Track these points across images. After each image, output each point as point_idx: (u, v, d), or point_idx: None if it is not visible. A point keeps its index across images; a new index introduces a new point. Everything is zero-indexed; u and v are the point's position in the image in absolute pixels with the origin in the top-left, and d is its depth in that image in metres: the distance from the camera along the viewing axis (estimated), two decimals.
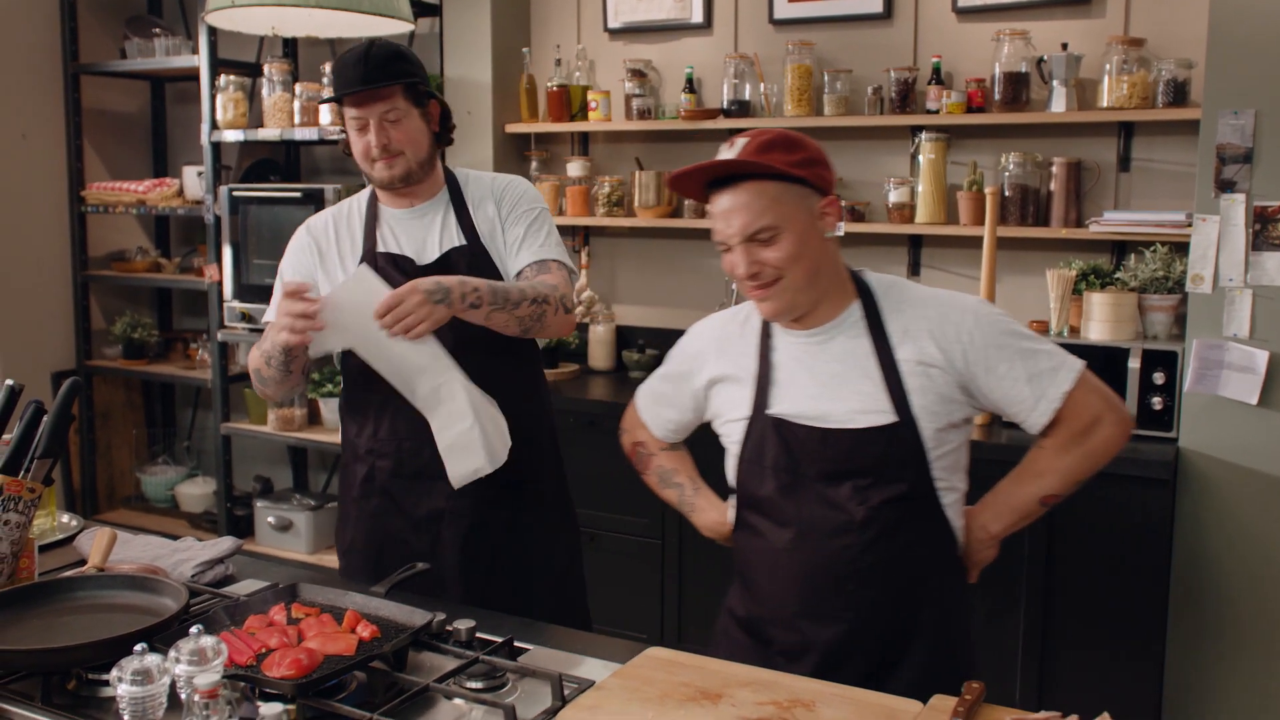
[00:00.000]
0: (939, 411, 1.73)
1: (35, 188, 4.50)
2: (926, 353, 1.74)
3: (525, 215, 2.26)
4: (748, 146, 1.71)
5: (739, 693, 1.52)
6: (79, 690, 1.55)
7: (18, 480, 1.82)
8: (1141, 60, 3.24)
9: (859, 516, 1.73)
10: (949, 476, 1.77)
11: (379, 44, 2.15)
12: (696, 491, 2.06)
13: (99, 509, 4.81)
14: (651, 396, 2.07)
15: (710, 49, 3.96)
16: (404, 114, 2.15)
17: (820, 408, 1.76)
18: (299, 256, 2.27)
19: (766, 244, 1.70)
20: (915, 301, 1.78)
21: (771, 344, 1.84)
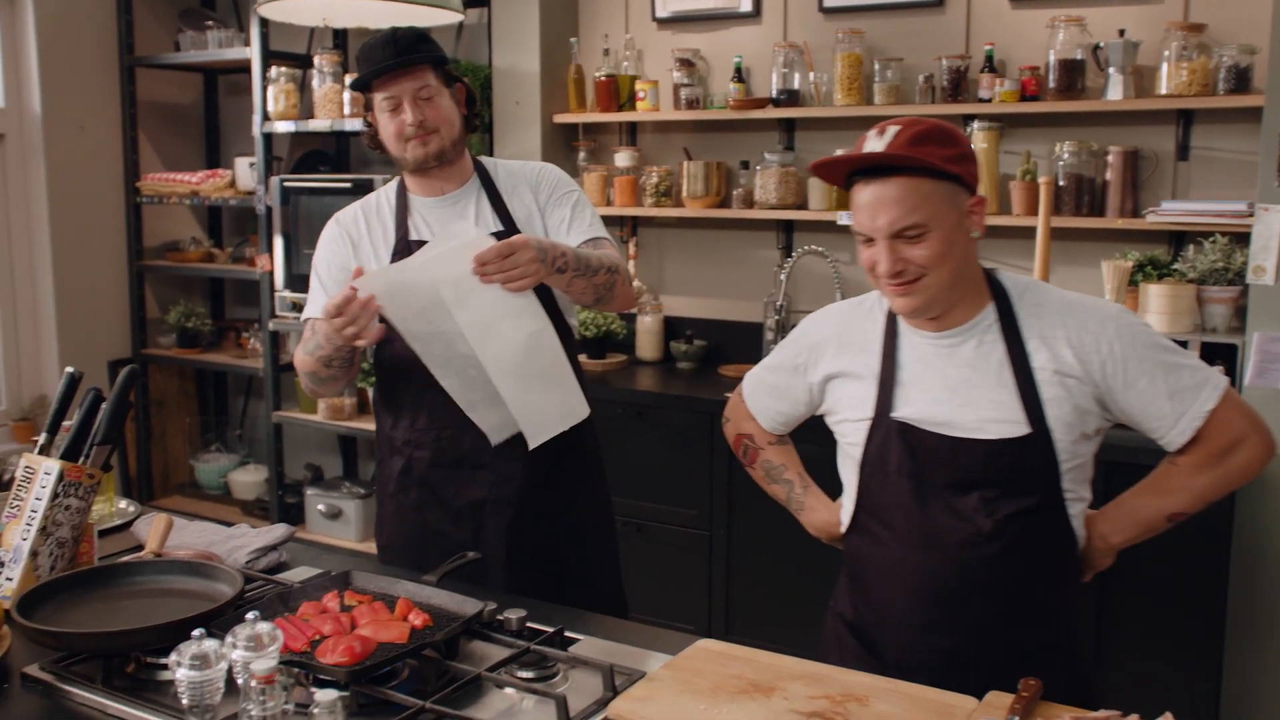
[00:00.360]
0: (1073, 424, 1.66)
1: (92, 179, 4.57)
2: (1064, 362, 1.66)
3: (566, 198, 2.26)
4: (900, 137, 1.63)
5: (791, 686, 1.51)
6: (137, 673, 1.58)
7: (78, 466, 1.85)
8: (1202, 46, 3.17)
9: (986, 528, 1.67)
10: (1077, 487, 1.71)
11: (404, 27, 2.15)
12: (806, 490, 2.00)
13: (154, 495, 4.88)
14: (761, 387, 1.99)
15: (759, 38, 3.93)
16: (436, 92, 2.14)
17: (950, 414, 1.69)
18: (333, 248, 2.25)
19: (913, 241, 1.63)
20: (1053, 306, 1.70)
21: (898, 342, 1.76)
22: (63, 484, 1.82)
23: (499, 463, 2.17)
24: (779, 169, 3.78)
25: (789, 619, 3.46)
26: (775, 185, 3.78)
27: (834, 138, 3.82)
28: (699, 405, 3.55)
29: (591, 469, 2.35)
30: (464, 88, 2.24)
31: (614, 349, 4.16)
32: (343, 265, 2.22)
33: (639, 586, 2.56)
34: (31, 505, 1.81)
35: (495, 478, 2.18)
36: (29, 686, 1.57)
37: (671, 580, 3.63)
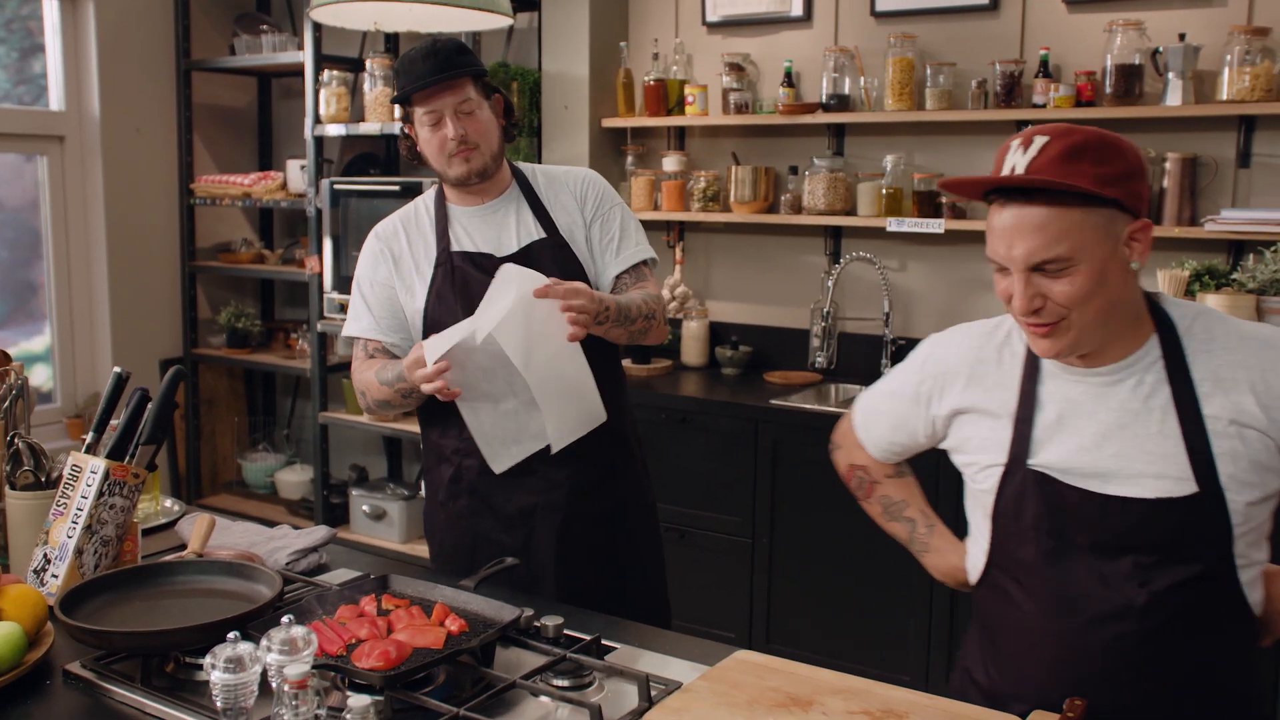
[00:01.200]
0: (1252, 483, 1.42)
1: (148, 181, 4.65)
2: (1244, 410, 1.42)
3: (613, 213, 2.26)
4: (1048, 151, 1.39)
5: (830, 700, 1.48)
6: (176, 673, 1.58)
7: (123, 465, 1.87)
8: (1266, 50, 3.09)
9: (1140, 601, 1.45)
10: (1250, 551, 1.47)
11: (443, 39, 2.14)
12: (931, 530, 1.80)
13: (202, 493, 4.95)
14: (876, 414, 1.79)
15: (809, 42, 3.90)
16: (476, 105, 2.13)
17: (1099, 465, 1.47)
18: (374, 265, 2.24)
19: (1055, 276, 1.40)
20: (1230, 341, 1.46)
21: (1039, 376, 1.54)
22: (108, 483, 1.84)
23: (548, 469, 2.17)
24: (828, 174, 3.75)
25: (830, 629, 3.42)
26: (824, 191, 3.75)
27: (884, 143, 3.78)
28: (744, 412, 3.52)
29: (638, 474, 2.34)
30: (502, 98, 2.23)
31: (659, 354, 4.15)
32: (385, 282, 2.23)
33: (681, 593, 2.54)
34: (77, 503, 1.83)
35: (545, 484, 2.18)
36: (70, 683, 1.58)
37: (713, 587, 3.60)
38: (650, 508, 2.38)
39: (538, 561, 2.19)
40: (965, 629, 1.77)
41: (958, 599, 3.21)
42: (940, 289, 3.78)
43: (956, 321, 4.00)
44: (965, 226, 3.54)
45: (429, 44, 2.12)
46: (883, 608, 3.34)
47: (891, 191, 3.67)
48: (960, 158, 3.67)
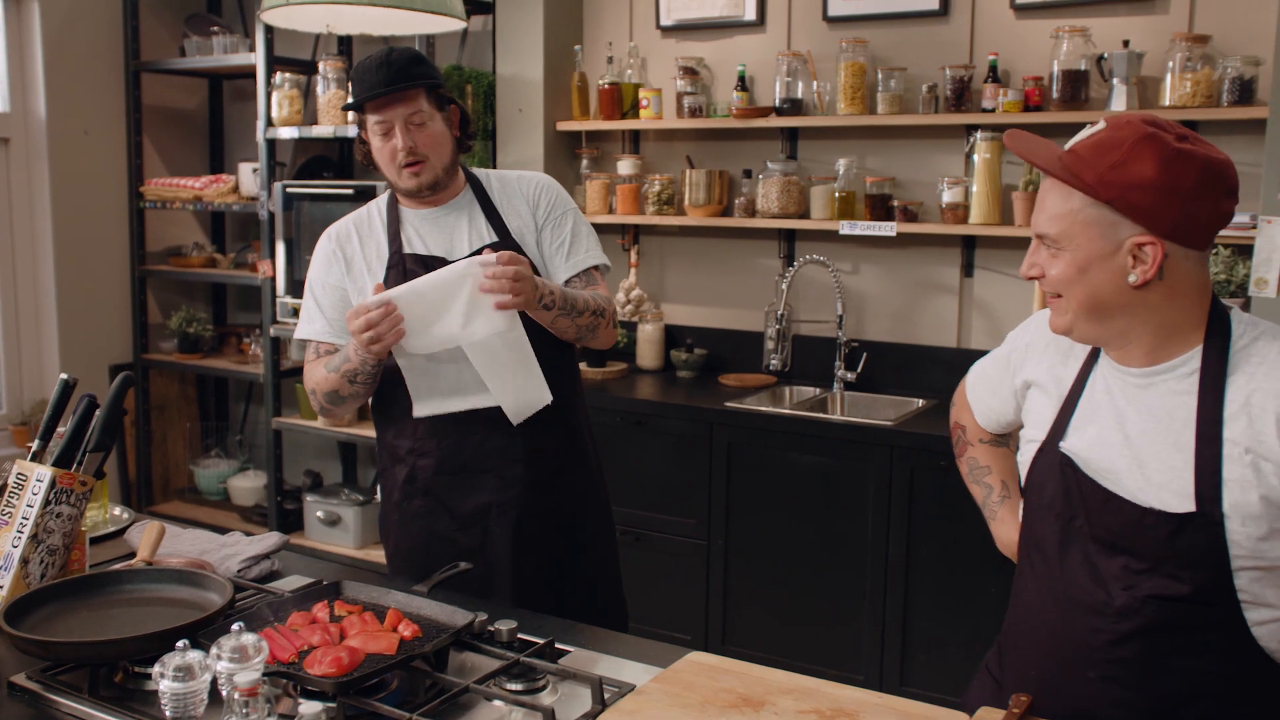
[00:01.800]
0: (1259, 516, 1.36)
1: (96, 183, 4.58)
2: (1264, 441, 1.36)
3: (564, 218, 2.27)
4: (1089, 139, 1.41)
5: (781, 700, 1.50)
6: (125, 683, 1.57)
7: (70, 473, 1.84)
8: (1206, 58, 3.16)
9: (1117, 602, 1.44)
10: (1266, 592, 1.39)
11: (399, 49, 2.14)
12: (1003, 500, 1.79)
13: (153, 500, 4.88)
14: (981, 377, 1.81)
15: (763, 47, 3.92)
16: (428, 117, 2.13)
17: (1114, 462, 1.46)
18: (327, 267, 2.25)
19: (1051, 254, 1.45)
20: (1275, 366, 1.39)
21: (1095, 364, 1.54)
22: (55, 491, 1.82)
23: (502, 466, 2.18)
24: (781, 178, 3.78)
25: (786, 630, 3.45)
26: (777, 194, 3.77)
27: (837, 147, 3.81)
28: (699, 414, 3.54)
29: (592, 472, 2.35)
30: (458, 109, 2.23)
31: (614, 357, 4.16)
32: (337, 284, 2.23)
33: (637, 595, 2.55)
34: (23, 512, 1.81)
35: (499, 482, 2.19)
36: (16, 695, 1.56)
37: (669, 589, 3.62)
38: (605, 506, 2.39)
39: (493, 560, 2.20)
40: None
41: (910, 600, 3.25)
42: (893, 291, 3.82)
43: (910, 324, 4.06)
44: (917, 230, 3.58)
45: (384, 53, 2.12)
46: (837, 609, 3.37)
47: (844, 195, 3.71)
48: (912, 161, 3.72)
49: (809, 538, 3.40)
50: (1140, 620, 1.42)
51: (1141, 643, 1.43)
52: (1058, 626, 1.51)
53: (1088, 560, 1.47)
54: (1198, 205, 1.37)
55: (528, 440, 2.18)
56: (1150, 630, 1.42)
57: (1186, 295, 1.42)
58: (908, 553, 3.23)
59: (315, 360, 2.21)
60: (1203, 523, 1.37)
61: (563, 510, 2.27)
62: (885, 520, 3.25)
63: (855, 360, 3.82)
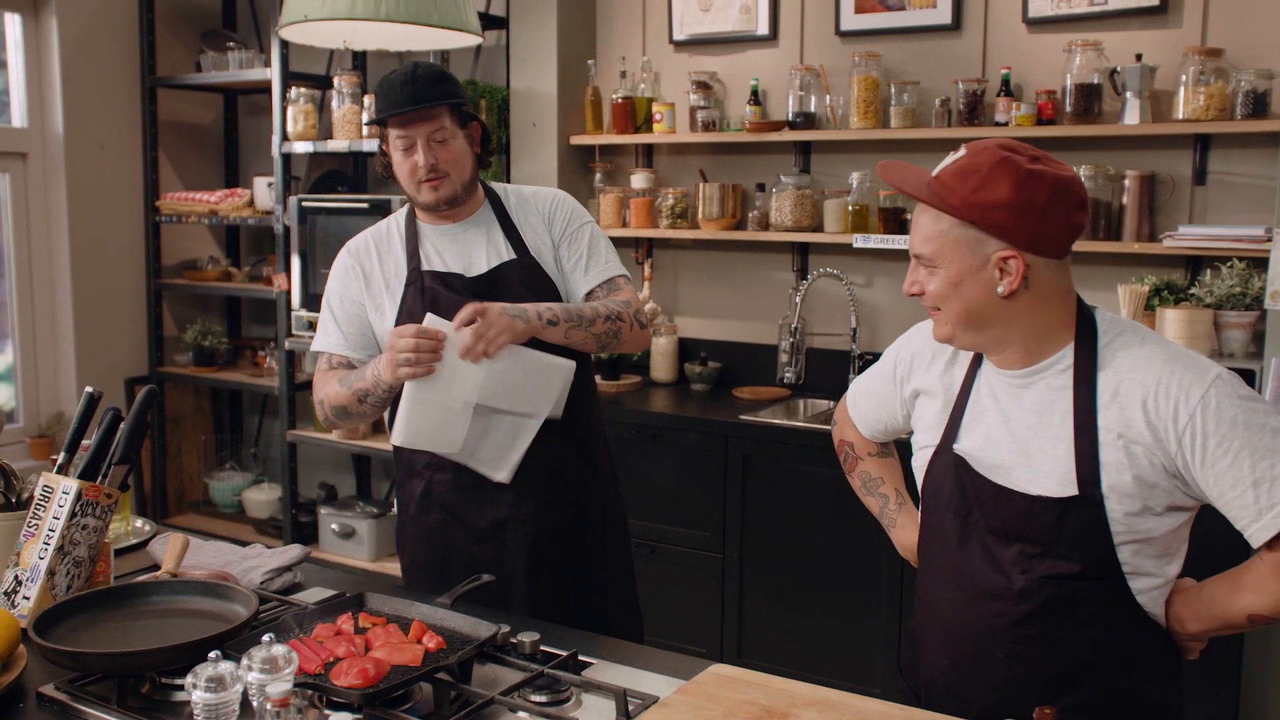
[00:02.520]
0: (1134, 495, 1.50)
1: (112, 198, 4.61)
2: (1132, 426, 1.50)
3: (580, 232, 2.28)
4: (952, 165, 1.56)
5: (805, 712, 1.50)
6: (152, 694, 1.58)
7: (95, 485, 1.86)
8: (1219, 71, 3.17)
9: (1017, 586, 1.57)
10: (1146, 563, 1.54)
11: (424, 65, 2.16)
12: (900, 507, 1.94)
13: (168, 513, 4.90)
14: (863, 393, 1.92)
15: (776, 61, 3.94)
16: (450, 135, 2.15)
17: (1002, 458, 1.59)
18: (345, 281, 2.26)
19: (929, 271, 1.58)
20: (1140, 360, 1.53)
21: (979, 371, 1.66)
22: (80, 503, 1.83)
23: (518, 482, 2.19)
24: (795, 192, 3.79)
25: (801, 642, 3.45)
26: (791, 208, 3.79)
27: (850, 161, 3.82)
28: (713, 427, 3.54)
29: (607, 487, 2.36)
30: (480, 126, 2.25)
31: (628, 370, 4.17)
32: (354, 299, 2.25)
33: (652, 608, 2.55)
34: (49, 524, 1.82)
35: (515, 497, 2.20)
36: (44, 706, 1.57)
37: (684, 602, 3.62)
38: (620, 521, 2.40)
39: (509, 575, 2.21)
40: None
41: None
42: (906, 304, 3.82)
43: None
44: None
45: (410, 69, 2.14)
46: (852, 621, 3.36)
47: (857, 208, 3.72)
48: None
49: (823, 550, 3.40)
50: (1038, 600, 1.56)
51: (1041, 620, 1.56)
52: (965, 615, 1.63)
53: (986, 550, 1.60)
54: (1052, 219, 1.52)
55: (543, 456, 2.19)
56: (1048, 608, 1.56)
57: (1052, 300, 1.57)
58: None
59: (327, 372, 2.23)
60: (1085, 504, 1.52)
61: (578, 525, 2.28)
62: None
63: None
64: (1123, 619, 1.57)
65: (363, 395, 2.13)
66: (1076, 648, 1.57)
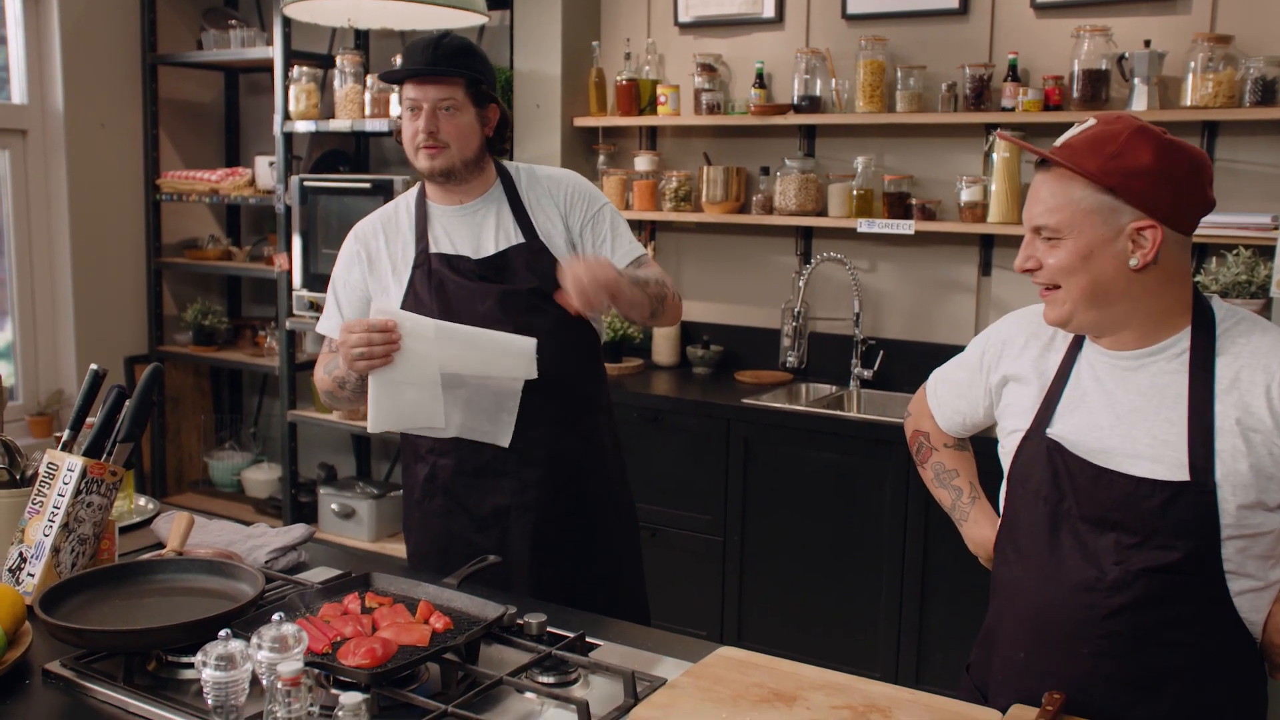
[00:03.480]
0: (1248, 485, 1.43)
1: (113, 176, 4.59)
2: (1253, 413, 1.44)
3: (601, 215, 2.25)
4: (1083, 134, 1.50)
5: (813, 695, 1.50)
6: (159, 671, 1.58)
7: (100, 463, 1.85)
8: (1228, 58, 3.16)
9: (1110, 577, 1.49)
10: (1249, 563, 1.47)
11: (455, 35, 2.15)
12: (973, 502, 1.85)
13: (168, 492, 4.89)
14: (945, 382, 1.86)
15: (781, 44, 3.92)
16: (459, 107, 2.13)
17: (1105, 442, 1.52)
18: (349, 266, 2.26)
19: (1049, 245, 1.51)
20: (1260, 346, 1.48)
21: (1079, 354, 1.60)
22: (85, 481, 1.82)
23: (521, 469, 2.18)
24: (799, 175, 3.78)
25: (802, 626, 3.45)
26: (795, 192, 3.77)
27: (855, 145, 3.81)
28: (715, 410, 3.54)
29: (611, 474, 2.34)
30: (499, 109, 2.21)
31: (630, 353, 4.16)
32: (358, 284, 2.25)
33: (653, 592, 2.55)
34: (54, 501, 1.81)
35: (518, 484, 2.19)
36: (50, 683, 1.57)
37: (685, 586, 3.62)
38: (626, 508, 2.39)
39: (512, 562, 2.19)
40: None
41: (927, 598, 3.25)
42: (910, 290, 3.82)
43: (927, 322, 4.07)
44: (935, 228, 3.58)
45: (439, 34, 2.14)
46: (853, 607, 3.37)
47: (862, 193, 3.71)
48: (930, 160, 3.71)
49: (825, 535, 3.40)
50: (1132, 594, 1.48)
51: (1133, 616, 1.49)
52: (1049, 608, 1.55)
53: (1078, 540, 1.53)
54: (1189, 191, 1.48)
55: (547, 443, 2.18)
56: (1141, 603, 1.48)
57: (1175, 280, 1.51)
58: (924, 551, 3.23)
59: (326, 355, 2.24)
60: (1196, 491, 1.44)
61: (582, 513, 2.26)
62: (902, 518, 3.25)
63: (872, 358, 3.82)
64: (1218, 624, 1.48)
65: (340, 383, 2.16)
66: (1166, 650, 1.49)
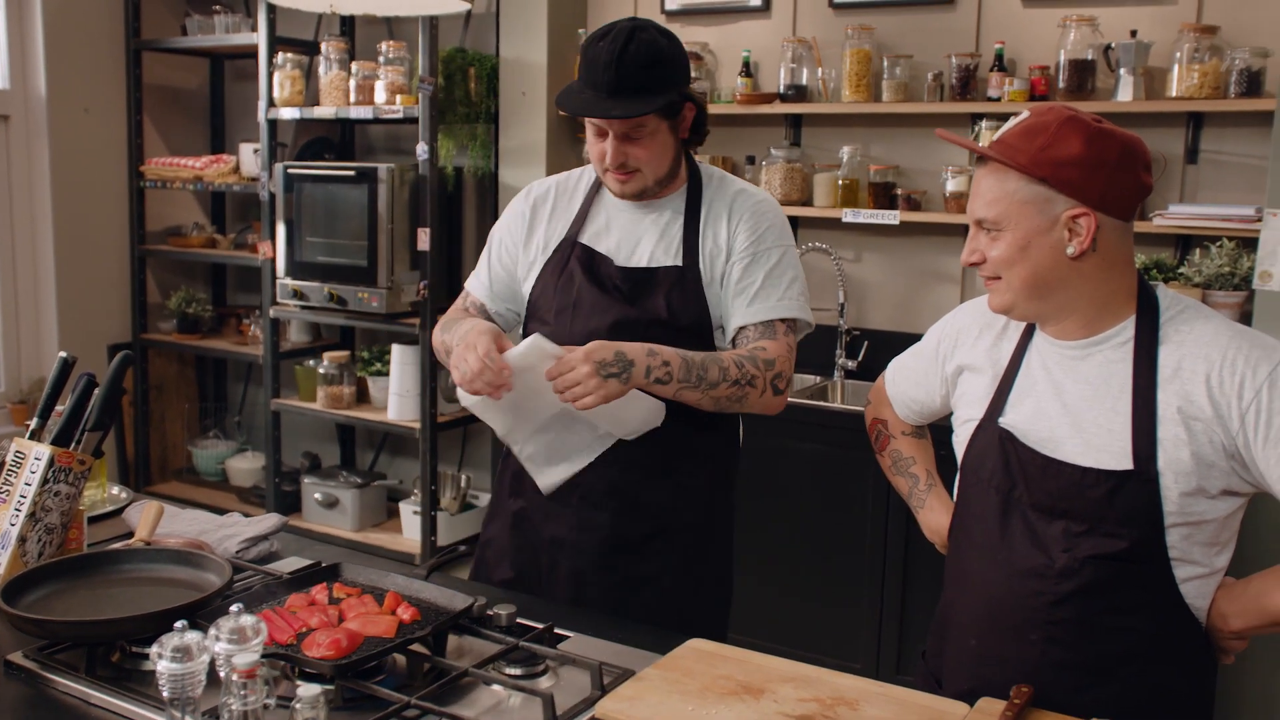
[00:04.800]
0: (1190, 473, 1.46)
1: (96, 162, 4.56)
2: (1194, 401, 1.46)
3: (766, 257, 1.95)
4: (1016, 126, 1.52)
5: (781, 688, 1.49)
6: (122, 663, 1.56)
7: (69, 452, 1.83)
8: (1214, 49, 3.14)
9: (1059, 564, 1.52)
10: (1192, 550, 1.50)
11: (637, 42, 1.83)
12: (930, 488, 1.88)
13: (151, 481, 4.88)
14: (902, 371, 1.88)
15: (768, 32, 3.90)
16: (651, 131, 1.88)
17: (1053, 430, 1.54)
18: (510, 225, 2.10)
19: (991, 237, 1.53)
20: (1202, 334, 1.49)
21: (1030, 344, 1.62)
22: (53, 469, 1.81)
23: (583, 508, 2.00)
24: (785, 165, 3.76)
25: (785, 616, 3.45)
26: (781, 181, 3.76)
27: (841, 134, 3.79)
28: None
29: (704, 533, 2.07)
30: (694, 108, 1.94)
31: None
32: (512, 247, 2.09)
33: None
34: (21, 490, 1.80)
35: (578, 521, 2.00)
36: (12, 674, 1.56)
37: None
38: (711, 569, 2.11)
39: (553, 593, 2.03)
40: None
41: (909, 589, 3.24)
42: (895, 280, 3.80)
43: (912, 313, 4.05)
44: (920, 218, 3.57)
45: (619, 47, 1.82)
46: (835, 597, 3.36)
47: (848, 183, 3.69)
48: (916, 150, 3.70)
49: (809, 525, 3.39)
50: (1080, 581, 1.51)
51: (1081, 602, 1.51)
52: (1001, 595, 1.57)
53: (1028, 527, 1.55)
54: (1121, 177, 1.48)
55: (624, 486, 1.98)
56: (1089, 590, 1.51)
57: (1116, 266, 1.53)
58: (906, 541, 3.22)
59: (458, 310, 2.11)
60: (1139, 480, 1.47)
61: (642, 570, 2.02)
62: (885, 508, 3.25)
63: (856, 349, 3.81)
64: (1164, 609, 1.51)
65: (448, 351, 1.97)
66: (1114, 635, 1.52)
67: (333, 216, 4.02)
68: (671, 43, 1.89)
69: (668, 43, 1.88)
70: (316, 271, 4.09)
